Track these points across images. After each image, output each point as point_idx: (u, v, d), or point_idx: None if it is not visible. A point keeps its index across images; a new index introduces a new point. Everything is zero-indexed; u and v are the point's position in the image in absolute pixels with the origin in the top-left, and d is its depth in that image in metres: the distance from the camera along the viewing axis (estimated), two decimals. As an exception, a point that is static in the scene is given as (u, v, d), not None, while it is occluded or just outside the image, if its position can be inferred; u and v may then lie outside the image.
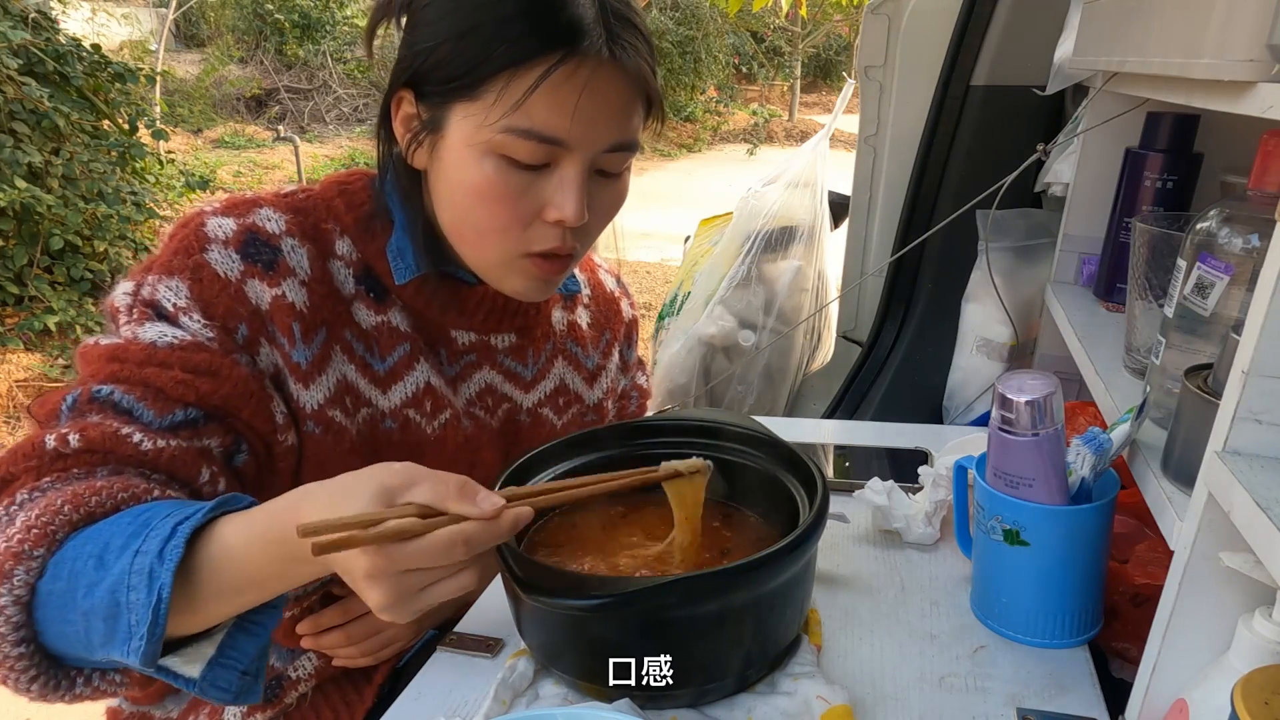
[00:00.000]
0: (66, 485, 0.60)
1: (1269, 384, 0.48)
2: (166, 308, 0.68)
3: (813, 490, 0.70)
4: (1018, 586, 0.73)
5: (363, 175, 0.80)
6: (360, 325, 0.77)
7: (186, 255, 0.70)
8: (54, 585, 0.56)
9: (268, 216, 0.74)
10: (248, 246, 0.71)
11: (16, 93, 3.52)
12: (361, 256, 0.78)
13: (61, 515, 0.58)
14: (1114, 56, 0.92)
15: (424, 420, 0.81)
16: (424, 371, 0.81)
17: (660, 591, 0.58)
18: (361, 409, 0.78)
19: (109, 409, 0.65)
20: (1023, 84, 1.39)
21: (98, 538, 0.57)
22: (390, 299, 0.79)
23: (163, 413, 0.66)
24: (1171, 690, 0.55)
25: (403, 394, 0.80)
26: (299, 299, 0.73)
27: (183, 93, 8.90)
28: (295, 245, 0.74)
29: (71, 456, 0.62)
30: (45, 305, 3.58)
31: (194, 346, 0.67)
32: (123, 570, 0.55)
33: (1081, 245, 1.19)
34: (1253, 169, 0.64)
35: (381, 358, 0.79)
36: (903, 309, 1.70)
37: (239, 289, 0.70)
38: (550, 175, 0.71)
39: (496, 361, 0.88)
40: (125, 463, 0.64)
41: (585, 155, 0.70)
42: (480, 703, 0.65)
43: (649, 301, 4.56)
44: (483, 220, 0.72)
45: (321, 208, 0.77)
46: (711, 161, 9.87)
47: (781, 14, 10.66)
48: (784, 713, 0.64)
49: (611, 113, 0.70)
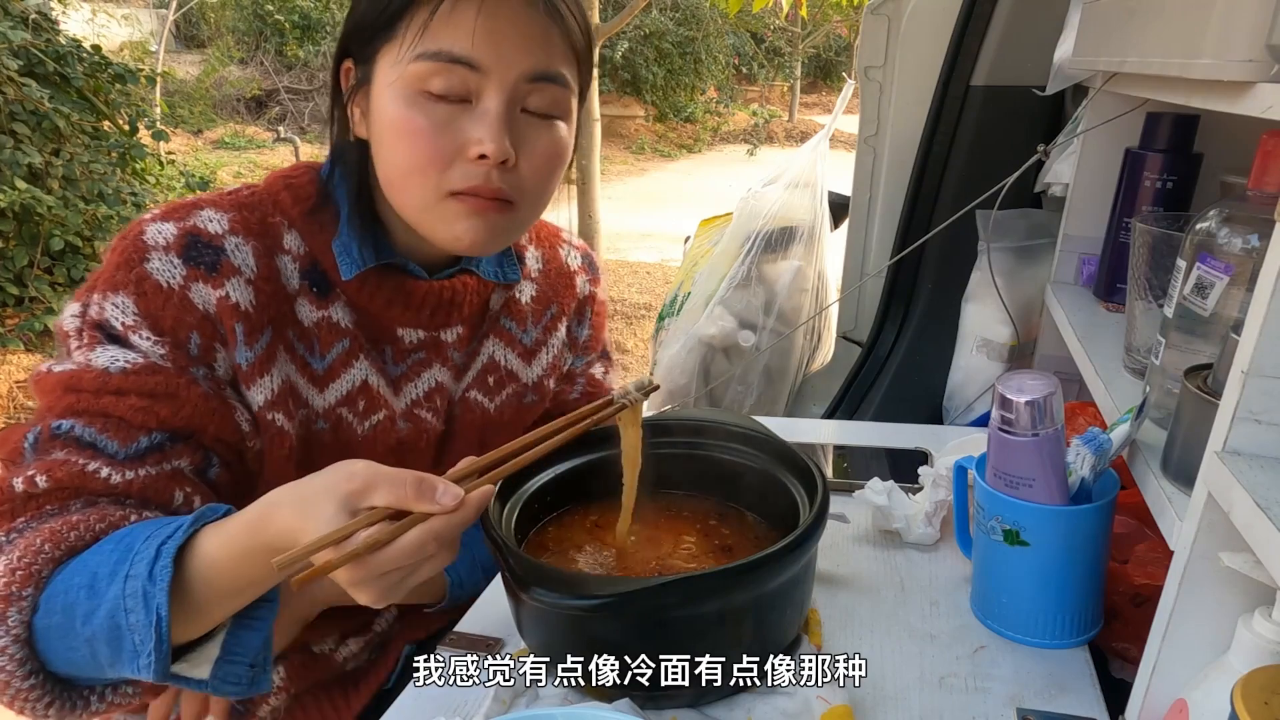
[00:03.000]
0: (42, 524, 0.61)
1: (1269, 384, 0.48)
2: (115, 327, 0.67)
3: (813, 490, 0.70)
4: (1018, 586, 0.73)
5: (308, 168, 0.79)
6: (302, 323, 0.76)
7: (128, 269, 0.68)
8: (49, 620, 0.58)
9: (209, 217, 0.72)
10: (189, 250, 0.69)
11: (17, 93, 3.52)
12: (309, 250, 0.76)
13: (43, 554, 0.59)
14: (1114, 56, 0.92)
15: (355, 420, 0.80)
16: (362, 369, 0.79)
17: (660, 591, 0.58)
18: (299, 410, 0.76)
19: (72, 444, 0.65)
20: (1023, 84, 1.39)
21: (84, 568, 0.59)
22: (334, 294, 0.77)
23: (127, 442, 0.65)
24: (1171, 690, 0.55)
25: (337, 393, 0.78)
26: (244, 298, 0.71)
27: (183, 93, 8.90)
28: (240, 243, 0.72)
29: (42, 496, 0.63)
30: (45, 306, 3.57)
31: (148, 369, 0.67)
32: (116, 595, 0.56)
33: (1081, 245, 1.19)
34: (1252, 169, 0.64)
35: (320, 355, 0.77)
36: (903, 309, 1.70)
37: (183, 296, 0.68)
38: (471, 110, 0.69)
39: (447, 356, 0.85)
40: (97, 495, 0.65)
41: (503, 84, 0.68)
42: (480, 703, 0.65)
43: (649, 301, 4.56)
44: (403, 159, 0.70)
45: (268, 202, 0.76)
46: (711, 162, 9.87)
47: (781, 14, 10.66)
48: (784, 713, 0.64)
49: (522, 37, 0.69)
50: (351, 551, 0.54)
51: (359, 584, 0.56)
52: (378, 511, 0.56)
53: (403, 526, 0.56)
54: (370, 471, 0.57)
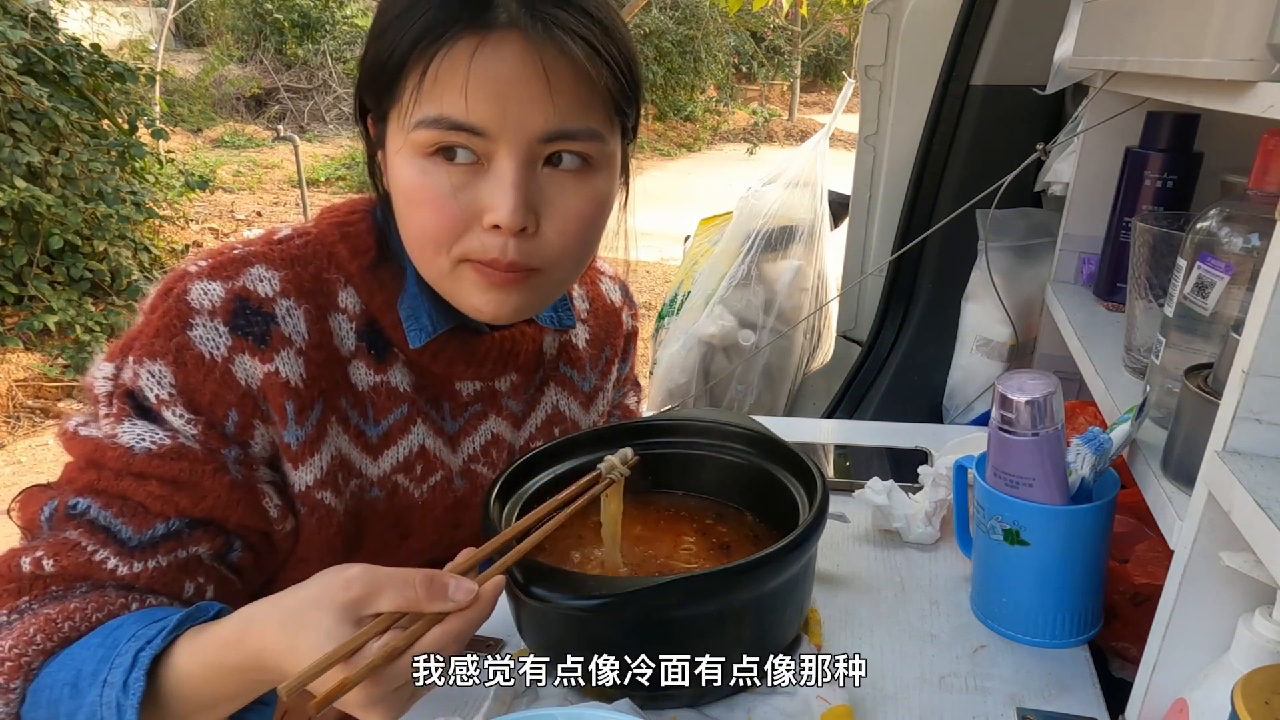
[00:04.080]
0: (43, 608, 0.60)
1: (1269, 384, 0.48)
2: (149, 399, 0.62)
3: (813, 490, 0.70)
4: (1018, 586, 0.73)
5: (364, 211, 0.74)
6: (356, 388, 0.71)
7: (169, 336, 0.63)
8: (36, 713, 0.57)
9: (259, 276, 0.66)
10: (237, 317, 0.64)
11: (16, 92, 3.52)
12: (366, 309, 0.71)
13: (35, 645, 0.57)
14: (1114, 56, 0.92)
15: (412, 485, 0.76)
16: (420, 434, 0.75)
17: (660, 591, 0.58)
18: (352, 481, 0.72)
19: (85, 526, 0.62)
20: (1023, 84, 1.38)
21: (71, 663, 0.57)
22: (392, 355, 0.73)
23: (142, 528, 0.62)
24: (1171, 690, 0.55)
25: (394, 459, 0.75)
26: (294, 374, 0.66)
27: (182, 92, 8.89)
28: (291, 307, 0.67)
29: (47, 579, 0.61)
30: (45, 305, 3.58)
31: (174, 453, 0.62)
32: (94, 701, 0.55)
33: (1081, 245, 1.19)
34: (1253, 169, 0.64)
35: (375, 422, 0.73)
36: (902, 309, 1.70)
37: (226, 370, 0.63)
38: (485, 172, 0.63)
39: (501, 406, 0.81)
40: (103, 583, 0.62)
41: (515, 147, 0.61)
42: (480, 703, 0.65)
43: (649, 301, 4.56)
44: (415, 228, 0.65)
45: (323, 255, 0.70)
46: (711, 161, 9.86)
47: (781, 14, 10.66)
48: (784, 713, 0.64)
49: (534, 94, 0.60)
50: (370, 664, 0.49)
51: (375, 703, 0.51)
52: (384, 618, 0.51)
53: (417, 631, 0.51)
54: (370, 576, 0.52)
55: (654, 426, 0.83)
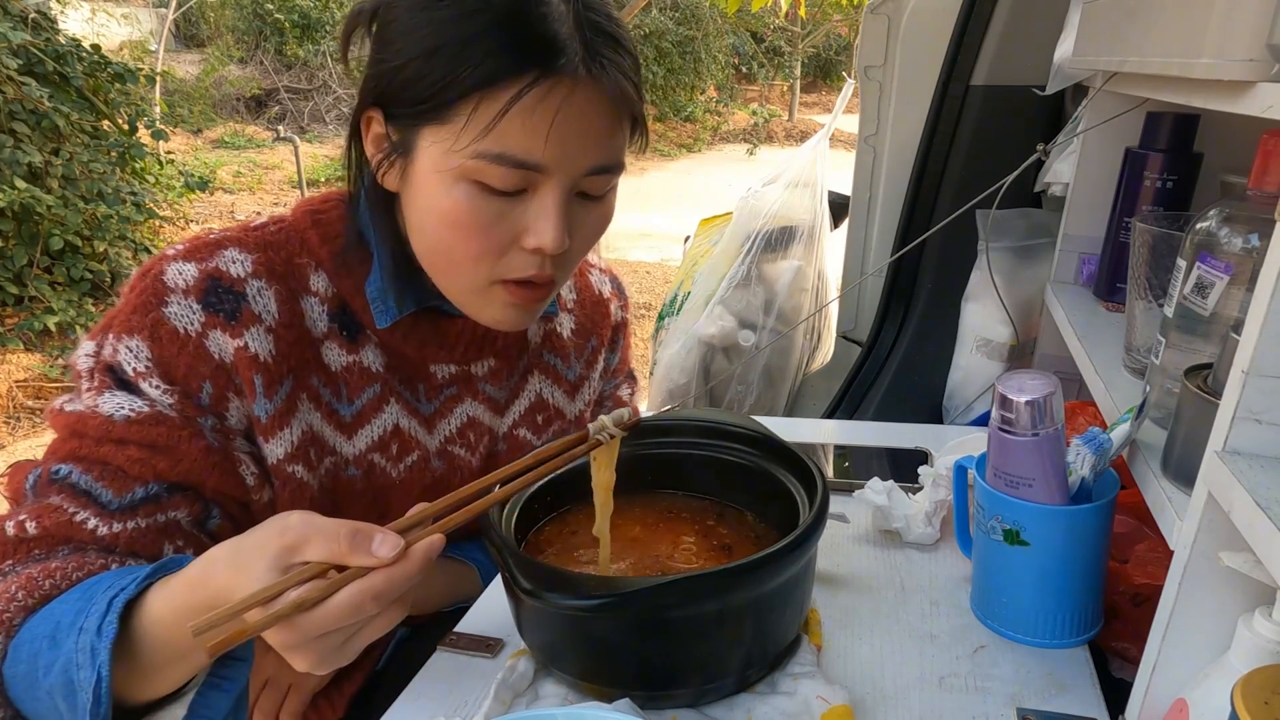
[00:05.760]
0: (25, 568, 0.61)
1: (1269, 384, 0.48)
2: (126, 372, 0.66)
3: (813, 490, 0.70)
4: (1018, 586, 0.73)
5: (338, 200, 0.76)
6: (329, 368, 0.74)
7: (145, 312, 0.66)
8: (16, 668, 0.58)
9: (232, 259, 0.70)
10: (209, 295, 0.68)
11: (16, 93, 3.53)
12: (338, 292, 0.74)
13: (16, 602, 0.59)
14: (1114, 56, 0.92)
15: (389, 464, 0.79)
16: (393, 413, 0.78)
17: (660, 591, 0.58)
18: (325, 458, 0.75)
19: (67, 490, 0.64)
20: (1023, 84, 1.39)
21: (50, 617, 0.58)
22: (364, 337, 0.76)
23: (121, 492, 0.65)
24: (1171, 690, 0.55)
25: (368, 438, 0.77)
26: (263, 349, 0.69)
27: (182, 93, 8.89)
28: (262, 287, 0.70)
29: (30, 541, 0.63)
30: (45, 305, 3.58)
31: (152, 419, 0.65)
32: (71, 649, 0.55)
33: (1081, 245, 1.19)
34: (1253, 169, 0.64)
35: (349, 400, 0.75)
36: (903, 309, 1.70)
37: (199, 344, 0.67)
38: (527, 201, 0.66)
39: (478, 390, 0.84)
40: (84, 544, 0.64)
41: (564, 180, 0.65)
42: (480, 703, 0.65)
43: (649, 301, 4.56)
44: (455, 249, 0.68)
45: (295, 240, 0.74)
46: (711, 161, 9.86)
47: (781, 14, 10.65)
48: (784, 713, 0.64)
49: (591, 134, 0.65)
50: (275, 613, 0.48)
51: (291, 649, 0.51)
52: (312, 567, 0.50)
53: (335, 584, 0.50)
54: (304, 523, 0.52)
55: (654, 426, 0.83)
